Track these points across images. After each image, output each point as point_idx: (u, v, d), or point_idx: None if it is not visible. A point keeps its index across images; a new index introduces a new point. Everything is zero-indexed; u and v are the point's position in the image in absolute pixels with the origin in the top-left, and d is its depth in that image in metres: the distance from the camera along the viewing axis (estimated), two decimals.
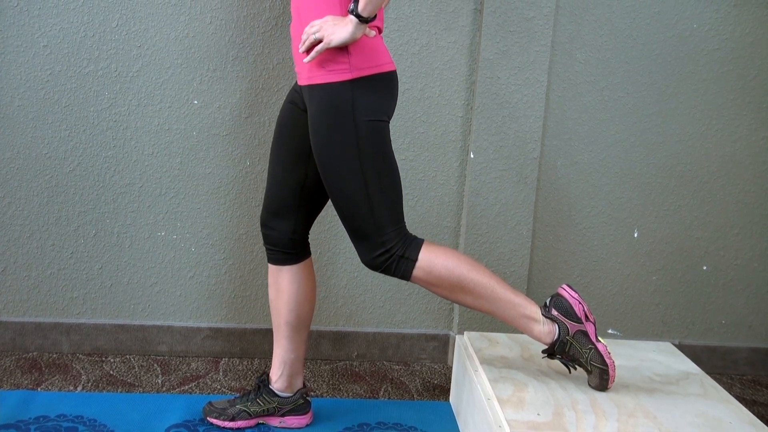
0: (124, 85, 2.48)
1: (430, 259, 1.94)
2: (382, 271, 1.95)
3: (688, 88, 2.66)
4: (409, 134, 2.59)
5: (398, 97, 2.54)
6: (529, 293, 2.72)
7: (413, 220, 2.64)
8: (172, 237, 2.58)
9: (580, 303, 1.99)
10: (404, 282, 2.68)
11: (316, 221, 2.60)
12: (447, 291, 1.97)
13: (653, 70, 2.64)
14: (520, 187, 2.62)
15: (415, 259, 1.93)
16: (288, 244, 2.09)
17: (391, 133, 2.57)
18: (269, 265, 2.14)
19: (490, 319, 2.66)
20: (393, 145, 2.57)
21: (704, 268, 2.79)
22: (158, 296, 2.62)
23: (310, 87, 1.89)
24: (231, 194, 2.57)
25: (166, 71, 2.48)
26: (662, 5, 2.60)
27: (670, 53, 2.63)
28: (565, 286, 2.02)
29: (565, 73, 2.61)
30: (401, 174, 2.59)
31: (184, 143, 2.53)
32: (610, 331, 2.79)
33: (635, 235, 2.74)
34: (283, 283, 2.11)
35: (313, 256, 2.63)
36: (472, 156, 2.59)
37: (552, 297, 2.01)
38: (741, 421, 1.94)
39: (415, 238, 1.97)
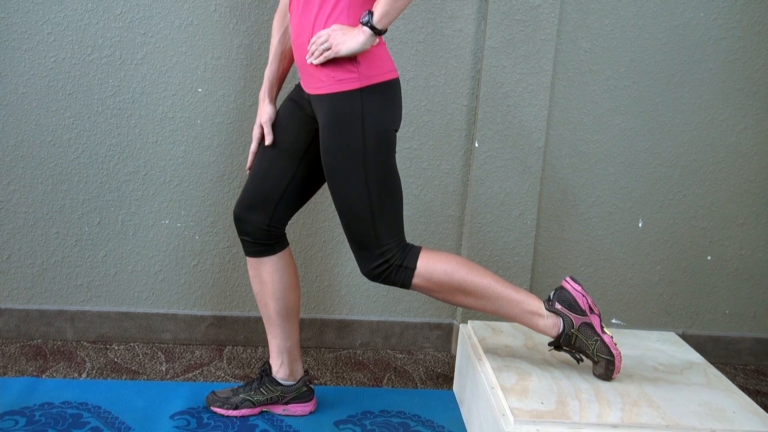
0: (128, 72, 2.47)
1: (429, 266, 1.94)
2: (381, 281, 1.96)
3: (693, 78, 2.65)
4: (413, 123, 2.58)
5: (403, 86, 2.54)
6: (533, 283, 2.72)
7: (417, 209, 2.64)
8: (176, 225, 2.58)
9: (583, 296, 1.99)
10: None
11: (319, 210, 2.60)
12: (448, 295, 1.98)
13: (659, 59, 2.63)
14: (524, 177, 2.61)
15: (414, 268, 1.94)
16: (262, 235, 2.05)
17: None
18: (247, 258, 2.11)
19: None
20: (397, 134, 2.58)
21: (708, 258, 2.78)
22: (162, 284, 2.62)
23: (319, 97, 1.88)
24: (235, 182, 2.57)
25: (170, 59, 2.47)
26: None
27: (677, 42, 2.62)
28: (568, 278, 2.02)
29: (571, 62, 2.60)
30: (405, 165, 2.59)
31: (189, 131, 2.53)
32: (613, 320, 2.79)
33: (640, 224, 2.74)
34: (265, 275, 2.09)
35: (316, 245, 2.63)
36: (476, 145, 2.58)
37: (555, 290, 2.01)
38: (744, 410, 1.94)
39: (413, 246, 1.97)
